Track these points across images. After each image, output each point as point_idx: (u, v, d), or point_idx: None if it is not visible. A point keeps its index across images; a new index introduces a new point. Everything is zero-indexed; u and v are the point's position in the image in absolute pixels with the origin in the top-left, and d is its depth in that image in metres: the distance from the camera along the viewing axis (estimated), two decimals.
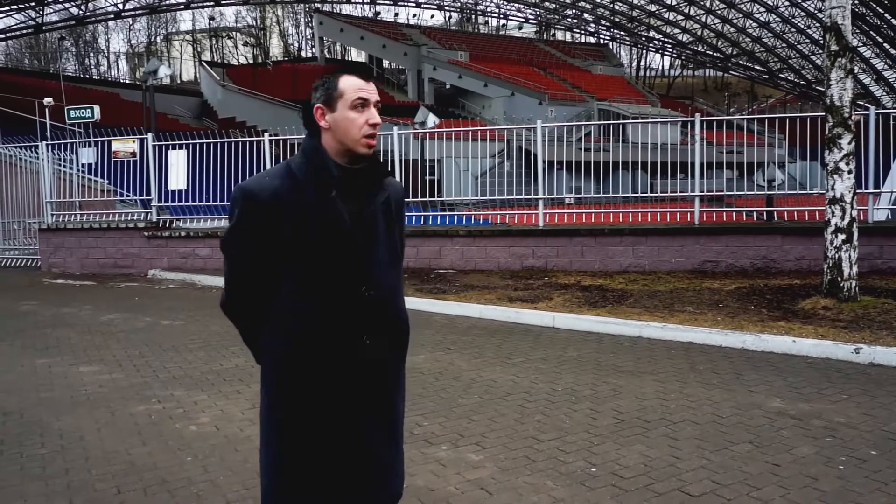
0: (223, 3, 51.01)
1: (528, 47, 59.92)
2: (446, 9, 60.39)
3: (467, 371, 5.59)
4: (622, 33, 59.78)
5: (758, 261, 9.42)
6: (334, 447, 1.92)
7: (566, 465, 3.72)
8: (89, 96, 34.41)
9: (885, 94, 52.61)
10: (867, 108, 9.71)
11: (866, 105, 10.64)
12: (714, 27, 53.35)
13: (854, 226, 7.11)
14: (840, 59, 7.07)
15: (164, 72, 15.40)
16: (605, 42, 65.43)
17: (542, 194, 10.74)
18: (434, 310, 8.16)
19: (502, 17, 62.34)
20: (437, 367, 5.73)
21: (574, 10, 55.44)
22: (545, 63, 54.39)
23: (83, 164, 13.44)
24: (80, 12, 43.49)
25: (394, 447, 2.06)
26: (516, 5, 57.45)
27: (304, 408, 1.92)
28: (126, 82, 60.24)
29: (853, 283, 7.07)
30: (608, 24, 57.30)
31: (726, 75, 70.17)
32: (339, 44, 63.93)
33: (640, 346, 6.32)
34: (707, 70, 73.30)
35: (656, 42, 60.26)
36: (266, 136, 11.99)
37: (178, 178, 12.24)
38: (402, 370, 2.13)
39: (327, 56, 60.53)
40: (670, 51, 62.58)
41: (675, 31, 55.40)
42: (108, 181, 13.97)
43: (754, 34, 53.45)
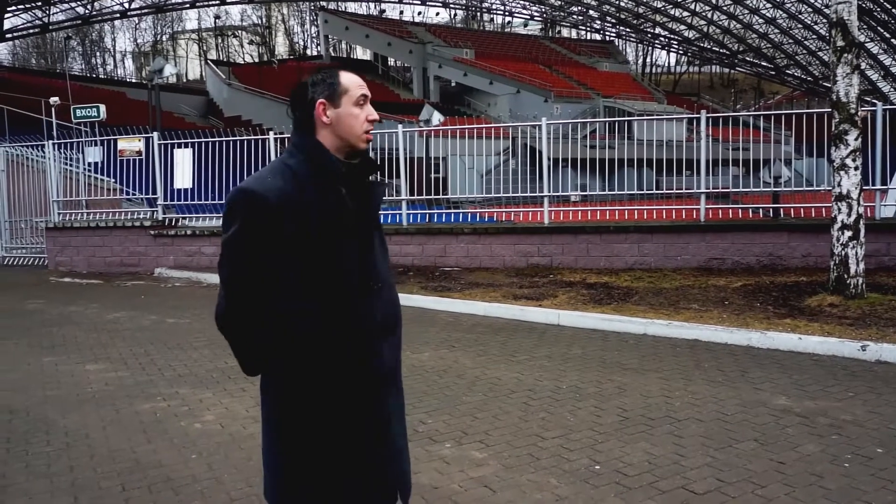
0: (229, 1, 51.05)
1: (534, 44, 59.83)
2: (451, 6, 60.31)
3: (471, 369, 5.58)
4: (628, 30, 59.58)
5: (764, 258, 9.39)
6: (362, 438, 1.92)
7: (570, 462, 3.72)
8: (96, 95, 34.46)
9: (892, 90, 52.28)
10: (874, 105, 9.65)
11: (873, 101, 10.58)
12: (720, 23, 53.11)
13: (861, 222, 7.07)
14: (846, 55, 7.03)
15: (169, 70, 15.43)
16: (611, 39, 65.29)
17: (548, 192, 10.72)
18: (439, 307, 8.16)
19: (507, 14, 62.31)
20: (441, 364, 5.73)
21: (579, 7, 55.30)
22: (551, 60, 54.30)
23: (89, 163, 13.48)
24: (87, 12, 43.63)
25: (404, 430, 2.11)
26: (521, 2, 57.35)
27: (329, 404, 1.89)
28: (132, 81, 60.48)
29: (860, 280, 7.04)
30: (614, 20, 57.13)
31: (733, 72, 69.92)
32: (344, 42, 64.02)
33: (645, 343, 6.31)
34: (713, 66, 72.98)
35: (662, 39, 60.05)
36: (271, 135, 12.01)
37: (183, 177, 12.26)
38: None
39: (332, 54, 60.54)
40: (676, 47, 62.35)
41: (681, 27, 55.19)
42: (114, 180, 14.02)
43: (761, 30, 53.19)
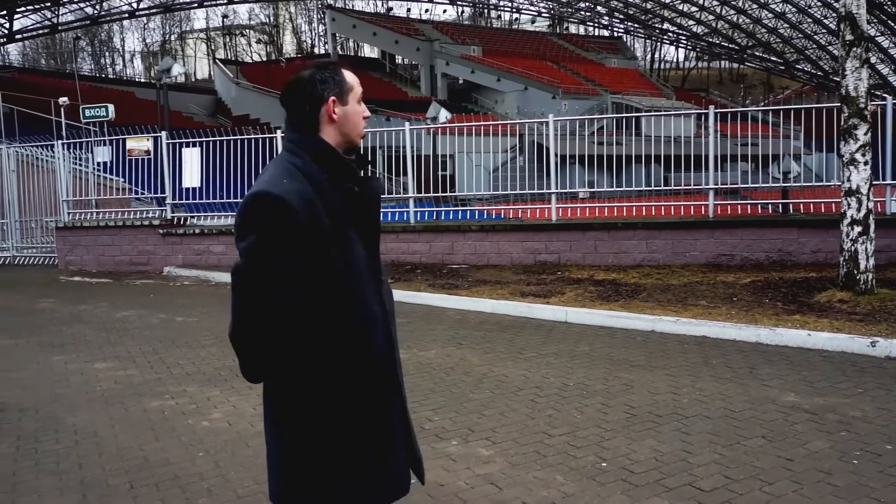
0: (236, 0, 51.21)
1: (542, 41, 59.63)
2: (459, 3, 60.22)
3: (479, 366, 5.58)
4: (636, 26, 59.31)
5: (773, 254, 9.33)
6: (376, 431, 1.91)
7: (577, 459, 3.71)
8: (105, 95, 34.62)
9: None
10: (885, 98, 9.58)
11: (884, 95, 10.49)
12: (729, 18, 52.81)
13: (870, 218, 7.02)
14: (855, 49, 6.97)
15: (177, 70, 15.48)
16: (619, 35, 64.97)
17: (555, 188, 10.70)
18: (446, 305, 8.16)
19: (515, 11, 62.11)
20: (448, 362, 5.73)
21: (587, 3, 55.09)
22: (558, 57, 54.11)
23: (99, 163, 13.55)
24: (95, 12, 43.82)
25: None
26: None
27: (343, 398, 1.85)
28: (141, 81, 60.67)
29: (870, 276, 6.99)
30: (622, 16, 56.87)
31: (742, 67, 69.49)
32: (351, 40, 63.96)
33: (652, 340, 6.29)
34: (722, 62, 72.59)
35: (671, 34, 59.74)
36: (279, 133, 12.03)
37: (191, 176, 12.31)
38: None
39: (340, 52, 60.55)
40: (685, 43, 62.04)
41: (690, 22, 54.87)
42: (123, 179, 14.09)
43: (770, 25, 52.84)
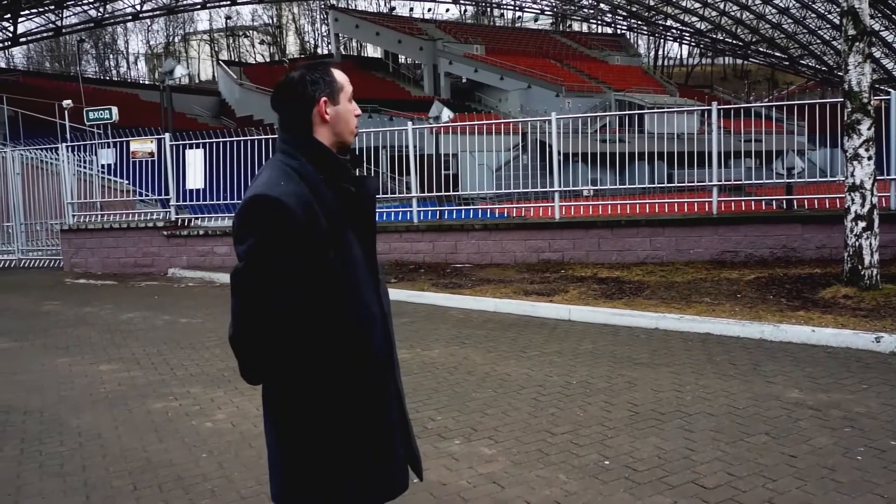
0: (239, 2, 51.25)
1: (545, 39, 59.54)
2: (461, 2, 60.19)
3: (482, 365, 5.58)
4: (639, 23, 59.17)
5: (777, 250, 9.30)
6: (376, 427, 1.91)
7: (579, 458, 3.71)
8: (109, 97, 34.81)
9: None
10: (889, 93, 9.53)
11: (888, 89, 10.44)
12: (733, 14, 52.59)
13: (875, 213, 6.99)
14: (858, 44, 6.94)
15: (180, 72, 15.51)
16: (622, 32, 64.84)
17: (558, 186, 10.69)
18: (450, 304, 8.16)
19: (518, 9, 62.00)
20: (451, 361, 5.73)
21: (590, 1, 55.00)
22: (562, 55, 54.03)
23: (103, 165, 13.60)
24: (99, 14, 43.95)
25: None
26: None
27: (343, 397, 1.85)
28: (145, 83, 60.86)
29: (874, 272, 6.96)
30: (625, 13, 56.72)
31: (746, 63, 69.26)
32: (354, 40, 64.03)
33: (656, 337, 6.27)
34: (726, 58, 72.36)
35: (674, 31, 59.57)
36: None
37: (195, 177, 12.33)
38: None
39: (343, 52, 60.60)
40: (688, 39, 61.83)
41: (693, 19, 54.67)
42: (127, 181, 14.13)
43: (774, 20, 52.62)
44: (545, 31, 65.12)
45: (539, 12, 62.89)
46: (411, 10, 64.34)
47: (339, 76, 1.94)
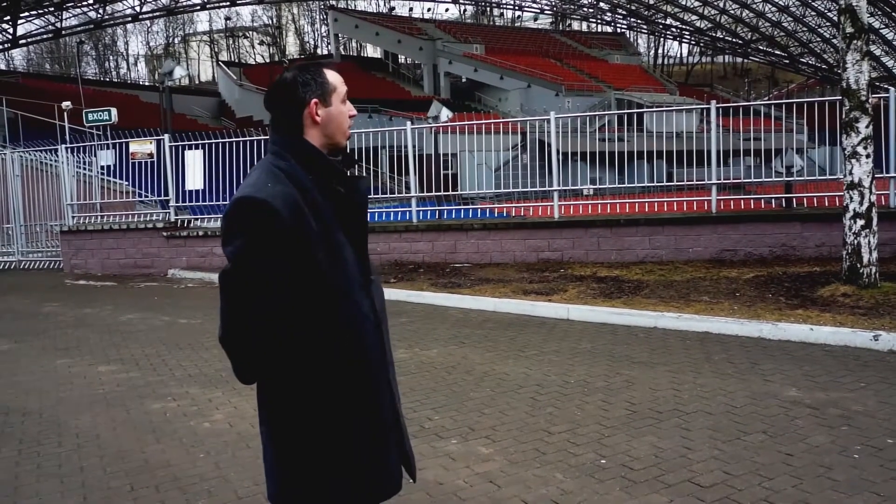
0: (239, 2, 51.28)
1: (544, 38, 59.54)
2: (461, 2, 60.18)
3: (480, 364, 5.58)
4: (639, 21, 59.10)
5: (777, 248, 9.30)
6: (370, 429, 1.91)
7: (576, 457, 3.71)
8: (109, 99, 34.83)
9: None
10: (888, 91, 9.52)
11: (887, 87, 10.43)
12: (732, 12, 52.53)
13: (873, 211, 6.98)
14: (856, 42, 6.94)
15: (179, 73, 15.51)
16: (622, 31, 64.82)
17: (557, 186, 10.69)
18: (449, 304, 8.16)
19: (517, 8, 61.96)
20: (449, 361, 5.73)
21: (590, 0, 54.99)
22: (561, 54, 54.02)
23: (102, 167, 13.60)
24: (99, 16, 43.99)
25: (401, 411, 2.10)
26: None
27: (336, 398, 1.85)
28: (145, 84, 60.85)
29: (873, 270, 6.95)
30: (625, 12, 56.67)
31: (746, 61, 69.22)
32: (354, 40, 64.02)
33: (654, 336, 6.27)
34: (726, 56, 72.29)
35: (674, 29, 59.51)
36: None
37: (194, 178, 12.33)
38: None
39: (343, 53, 60.60)
40: (688, 38, 61.76)
41: (693, 17, 54.60)
42: (127, 182, 14.13)
43: (774, 18, 52.55)
44: (545, 30, 65.11)
45: (539, 11, 62.86)
46: (411, 10, 64.30)
47: (332, 77, 1.93)
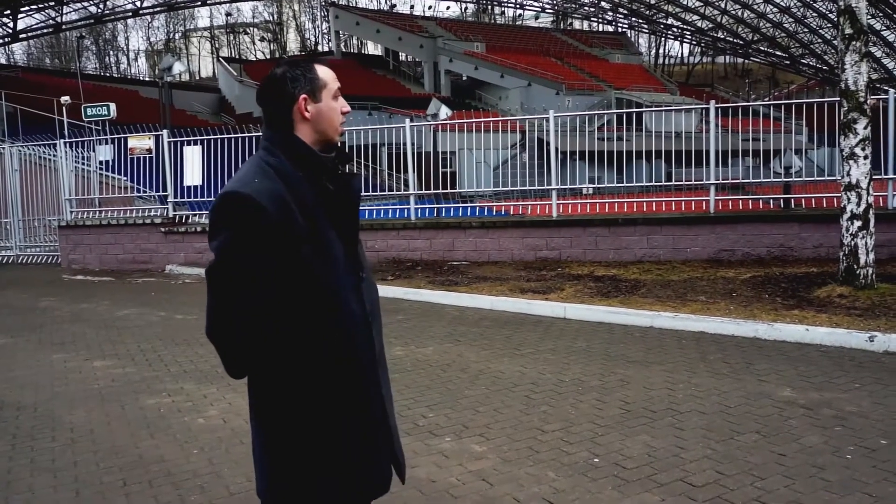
0: None
1: (545, 37, 59.51)
2: (462, 0, 60.14)
3: (475, 363, 5.58)
4: (640, 21, 59.04)
5: (774, 249, 9.30)
6: (360, 428, 1.90)
7: (569, 455, 3.71)
8: (108, 94, 34.68)
9: None
10: (887, 92, 9.52)
11: (886, 89, 10.43)
12: (734, 13, 52.49)
13: (870, 212, 6.98)
14: (855, 43, 6.93)
15: (178, 68, 15.48)
16: (623, 30, 64.80)
17: (556, 185, 10.69)
18: (445, 302, 8.16)
19: (518, 7, 61.92)
20: (444, 359, 5.73)
21: None
22: (562, 53, 53.99)
23: (101, 162, 13.59)
24: (99, 11, 43.86)
25: (393, 412, 2.09)
26: None
27: (323, 398, 1.85)
28: (145, 80, 60.81)
29: (870, 271, 6.96)
30: (626, 11, 56.62)
31: (747, 62, 69.18)
32: (355, 37, 63.97)
33: (650, 336, 6.27)
34: (727, 57, 72.28)
35: (675, 29, 59.46)
36: None
37: (193, 174, 12.32)
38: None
39: (343, 50, 60.58)
40: (689, 38, 61.74)
41: (694, 17, 54.55)
42: (125, 178, 14.11)
43: (775, 19, 52.53)
44: (546, 29, 65.05)
45: (540, 10, 62.82)
46: (412, 7, 64.25)
47: (323, 73, 1.92)
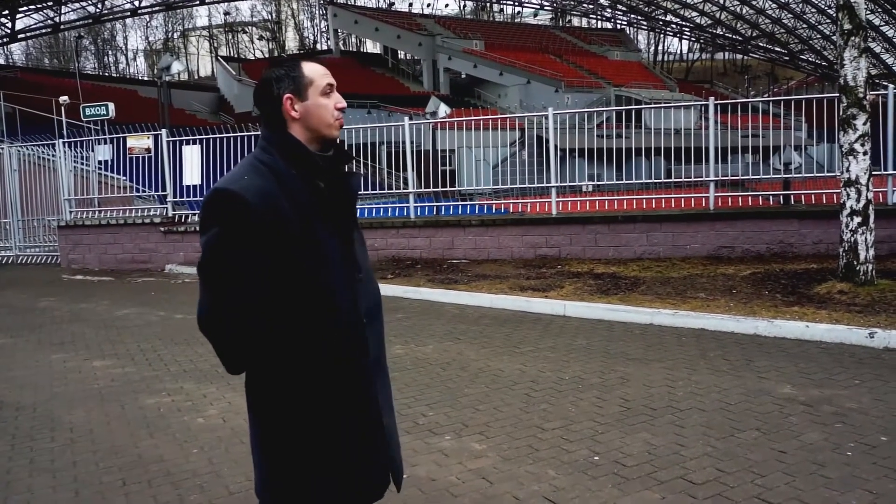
0: None
1: (544, 34, 59.42)
2: None
3: (475, 361, 5.58)
4: (639, 17, 59.02)
5: (774, 245, 9.30)
6: (356, 430, 1.89)
7: (569, 453, 3.70)
8: (107, 94, 34.64)
9: None
10: (886, 88, 9.51)
11: (886, 84, 10.42)
12: (733, 9, 52.50)
13: (870, 208, 6.97)
14: (853, 38, 6.92)
15: (176, 67, 15.46)
16: (622, 27, 64.72)
17: (555, 182, 10.67)
18: (445, 300, 8.15)
19: (517, 4, 61.88)
20: (444, 357, 5.72)
21: None
22: (561, 50, 53.92)
23: (100, 161, 13.57)
24: (98, 10, 43.85)
25: (394, 414, 2.08)
26: None
27: (317, 399, 1.84)
28: (143, 79, 60.74)
29: (870, 267, 6.95)
30: (625, 8, 56.61)
31: (746, 58, 69.14)
32: (353, 36, 63.95)
33: (650, 333, 6.27)
34: (726, 53, 72.24)
35: (674, 26, 59.46)
36: None
37: (192, 173, 12.31)
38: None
39: (342, 48, 60.51)
40: (688, 34, 61.75)
41: (693, 13, 54.59)
42: (124, 177, 14.09)
43: (774, 15, 52.53)
44: (545, 26, 64.96)
45: (538, 7, 62.76)
46: (410, 5, 64.19)
47: (310, 70, 1.91)
